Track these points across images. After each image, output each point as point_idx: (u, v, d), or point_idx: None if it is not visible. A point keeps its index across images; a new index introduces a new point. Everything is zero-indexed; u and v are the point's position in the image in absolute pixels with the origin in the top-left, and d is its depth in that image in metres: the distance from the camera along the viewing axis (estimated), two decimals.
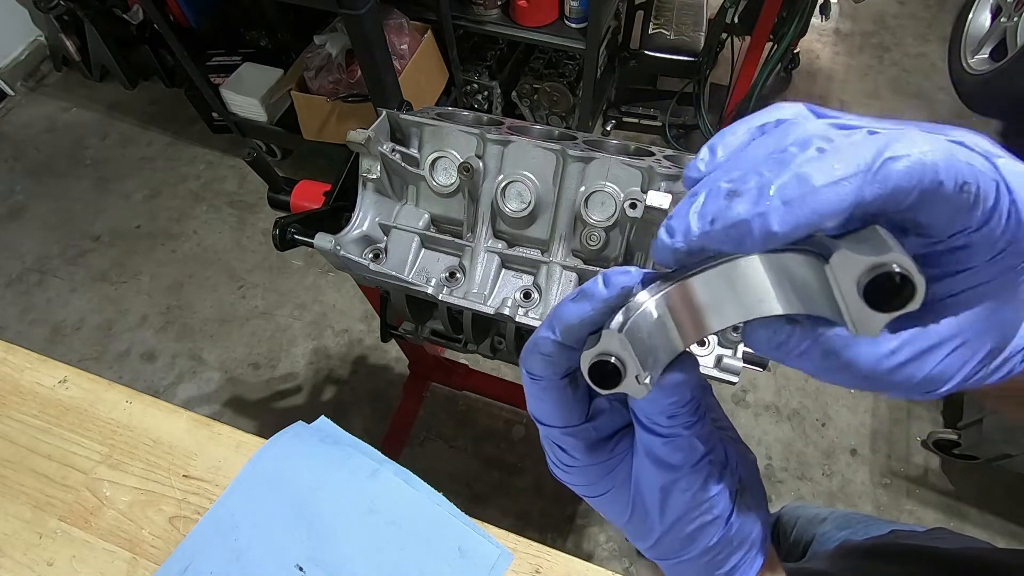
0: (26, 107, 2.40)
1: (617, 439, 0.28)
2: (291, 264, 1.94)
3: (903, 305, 0.17)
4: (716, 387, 0.33)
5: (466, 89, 1.92)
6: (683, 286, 0.21)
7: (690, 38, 1.90)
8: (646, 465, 0.26)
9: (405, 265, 0.66)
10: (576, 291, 0.24)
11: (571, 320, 0.23)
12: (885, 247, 0.17)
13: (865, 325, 0.17)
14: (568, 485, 0.30)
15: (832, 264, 0.18)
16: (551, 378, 0.25)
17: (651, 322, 0.22)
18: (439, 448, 1.62)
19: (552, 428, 0.27)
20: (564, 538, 1.47)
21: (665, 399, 0.24)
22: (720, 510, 0.26)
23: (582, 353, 0.22)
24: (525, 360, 0.26)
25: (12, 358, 0.71)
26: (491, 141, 0.62)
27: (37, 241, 2.03)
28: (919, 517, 1.48)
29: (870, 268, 0.17)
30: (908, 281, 0.17)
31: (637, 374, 0.21)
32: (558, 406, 0.26)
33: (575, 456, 0.28)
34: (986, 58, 2.21)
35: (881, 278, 0.17)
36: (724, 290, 0.21)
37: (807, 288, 0.20)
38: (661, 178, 0.58)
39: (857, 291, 0.17)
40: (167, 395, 1.71)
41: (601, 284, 0.23)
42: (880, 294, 0.17)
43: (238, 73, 1.89)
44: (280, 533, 0.58)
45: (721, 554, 0.27)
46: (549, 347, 0.25)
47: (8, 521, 0.61)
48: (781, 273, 0.20)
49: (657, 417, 0.24)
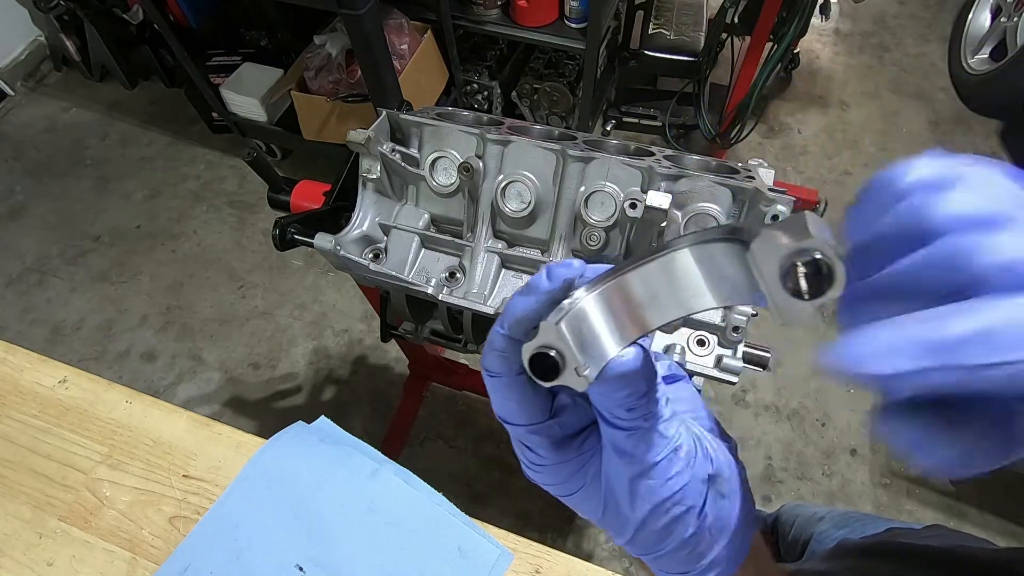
0: (26, 107, 2.40)
1: (584, 436, 0.28)
2: (291, 264, 1.94)
3: (823, 292, 0.16)
4: (716, 387, 0.33)
5: (466, 89, 1.92)
6: (620, 281, 0.21)
7: (690, 38, 1.90)
8: (613, 459, 0.26)
9: (405, 265, 0.66)
10: (525, 285, 0.24)
11: (518, 313, 0.24)
12: (805, 233, 0.16)
13: (789, 314, 0.17)
14: (541, 485, 0.30)
15: (753, 251, 0.17)
16: (507, 374, 0.26)
17: (590, 315, 0.22)
18: (439, 448, 1.62)
19: (517, 427, 0.28)
20: (564, 538, 1.47)
21: (617, 392, 0.23)
22: (692, 500, 0.26)
23: (523, 346, 0.22)
24: (483, 358, 0.26)
25: (12, 358, 0.71)
26: (491, 141, 0.62)
27: (37, 241, 2.03)
28: (919, 517, 1.48)
29: (790, 254, 0.16)
30: (829, 267, 0.16)
31: (576, 366, 0.21)
32: (519, 403, 0.26)
33: (542, 455, 0.28)
34: (986, 58, 2.21)
35: (801, 265, 0.16)
36: (660, 284, 0.21)
37: (735, 278, 0.19)
38: (661, 178, 0.58)
39: (779, 279, 0.16)
40: (167, 395, 1.71)
41: (544, 277, 0.23)
42: (800, 281, 0.16)
43: (238, 73, 1.89)
44: (280, 533, 0.58)
45: (700, 545, 0.27)
46: (501, 342, 0.25)
47: (8, 521, 0.61)
48: (711, 264, 0.20)
49: (615, 410, 0.24)
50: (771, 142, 2.21)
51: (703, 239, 0.20)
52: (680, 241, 0.20)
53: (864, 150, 2.19)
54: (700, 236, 0.20)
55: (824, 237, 0.16)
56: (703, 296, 0.20)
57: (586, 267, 0.23)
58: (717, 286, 0.20)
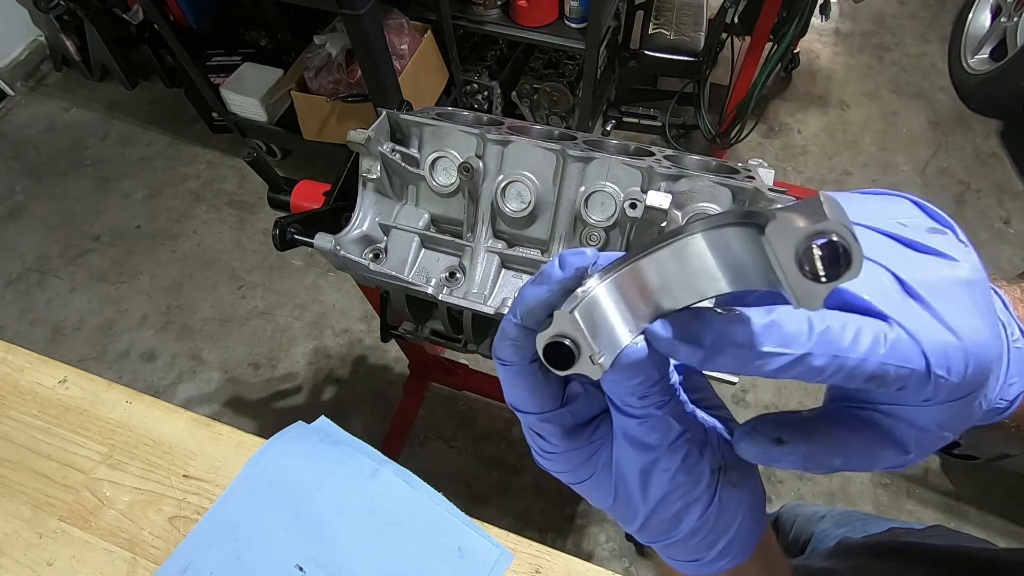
0: (26, 107, 2.40)
1: (596, 424, 0.28)
2: (291, 264, 1.94)
3: (840, 275, 0.16)
4: (716, 387, 0.33)
5: (466, 89, 1.92)
6: (634, 267, 0.21)
7: (690, 38, 1.90)
8: (624, 447, 0.26)
9: (405, 265, 0.66)
10: (536, 273, 0.24)
11: (530, 302, 0.24)
12: (820, 215, 0.16)
13: (806, 297, 0.17)
14: (552, 473, 0.30)
15: (768, 234, 0.17)
16: (520, 363, 0.26)
17: (603, 303, 0.22)
18: (439, 448, 1.62)
19: (529, 415, 0.27)
20: (564, 538, 1.47)
21: (629, 380, 0.23)
22: (702, 488, 0.26)
23: (537, 335, 0.22)
24: (495, 347, 0.26)
25: (12, 358, 0.71)
26: (491, 141, 0.62)
27: (37, 241, 2.03)
28: (919, 517, 1.49)
29: (806, 237, 0.16)
30: (846, 250, 0.16)
31: (591, 355, 0.21)
32: (531, 392, 0.26)
33: (553, 442, 0.28)
34: (986, 58, 2.21)
35: (817, 248, 0.16)
36: (674, 270, 0.21)
37: (750, 262, 0.19)
38: (661, 178, 0.58)
39: (795, 262, 0.16)
40: (167, 395, 1.71)
41: (557, 265, 0.23)
42: (817, 264, 0.16)
43: (238, 73, 1.89)
44: (280, 533, 0.58)
45: (710, 534, 0.27)
46: (513, 331, 0.25)
47: (8, 521, 0.61)
48: (724, 249, 0.20)
49: (628, 398, 0.24)
50: (771, 142, 2.21)
51: (717, 223, 0.20)
52: (693, 226, 0.20)
53: (864, 150, 2.19)
54: (714, 220, 0.20)
55: (840, 219, 0.16)
56: (717, 281, 0.20)
57: (599, 255, 0.23)
58: (731, 271, 0.20)
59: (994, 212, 2.01)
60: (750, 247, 0.19)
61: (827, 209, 0.16)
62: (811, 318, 0.20)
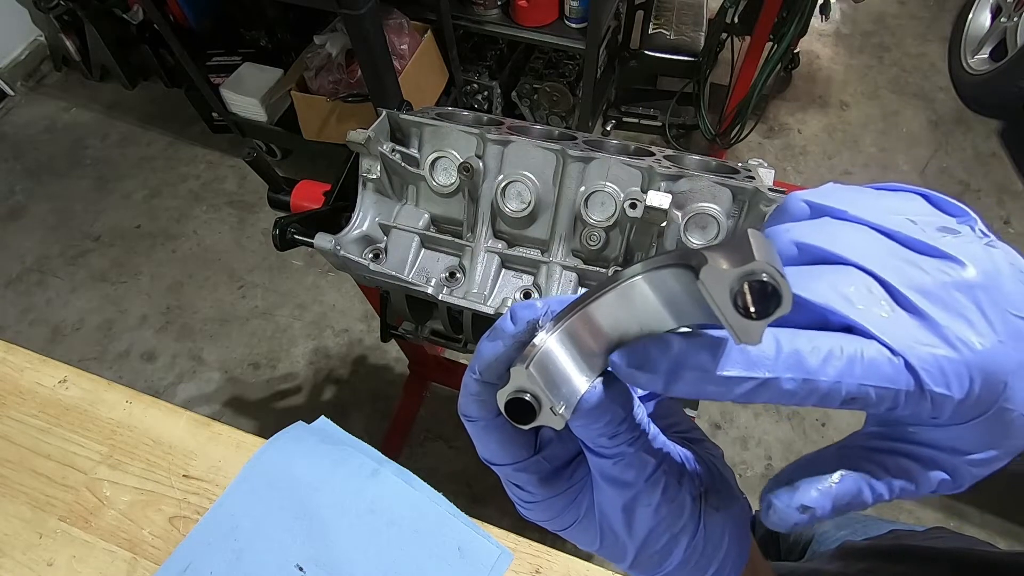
0: (26, 107, 2.40)
1: (574, 466, 0.28)
2: (291, 264, 1.94)
3: (772, 311, 0.17)
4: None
5: (466, 89, 1.92)
6: (583, 314, 0.22)
7: (690, 38, 1.90)
8: (603, 488, 0.26)
9: (405, 265, 0.66)
10: (491, 329, 0.24)
11: (488, 358, 0.24)
12: (749, 255, 0.17)
13: (743, 333, 0.17)
14: (537, 523, 0.30)
15: (702, 277, 0.17)
16: (486, 417, 0.26)
17: (556, 353, 0.22)
18: (439, 448, 1.62)
19: (504, 467, 0.27)
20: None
21: (595, 423, 0.23)
22: (687, 518, 0.26)
23: (497, 392, 0.22)
24: (460, 405, 0.26)
25: (12, 358, 0.71)
26: (491, 141, 0.62)
27: (37, 241, 2.03)
28: (919, 517, 1.49)
29: (737, 279, 0.17)
30: (775, 288, 0.16)
31: (551, 406, 0.22)
32: (501, 444, 0.26)
33: (532, 491, 0.28)
34: (986, 58, 2.21)
35: (748, 288, 0.17)
36: (622, 311, 0.21)
37: (690, 301, 0.20)
38: (661, 178, 0.58)
39: (729, 302, 0.17)
40: (167, 395, 1.71)
41: (509, 319, 0.23)
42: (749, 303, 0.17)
43: (238, 73, 1.89)
44: (280, 533, 0.58)
45: (701, 560, 0.27)
46: (475, 387, 0.25)
47: (8, 521, 0.61)
48: (665, 289, 0.20)
49: (598, 440, 0.24)
50: (771, 142, 2.21)
51: (654, 266, 0.20)
52: (634, 269, 0.21)
53: (864, 150, 2.19)
54: (651, 263, 0.20)
55: (767, 258, 0.17)
56: (664, 319, 0.21)
57: (549, 303, 0.23)
58: (675, 309, 0.20)
59: (994, 212, 2.01)
60: (688, 287, 0.19)
61: (755, 249, 0.17)
62: (779, 339, 0.19)
